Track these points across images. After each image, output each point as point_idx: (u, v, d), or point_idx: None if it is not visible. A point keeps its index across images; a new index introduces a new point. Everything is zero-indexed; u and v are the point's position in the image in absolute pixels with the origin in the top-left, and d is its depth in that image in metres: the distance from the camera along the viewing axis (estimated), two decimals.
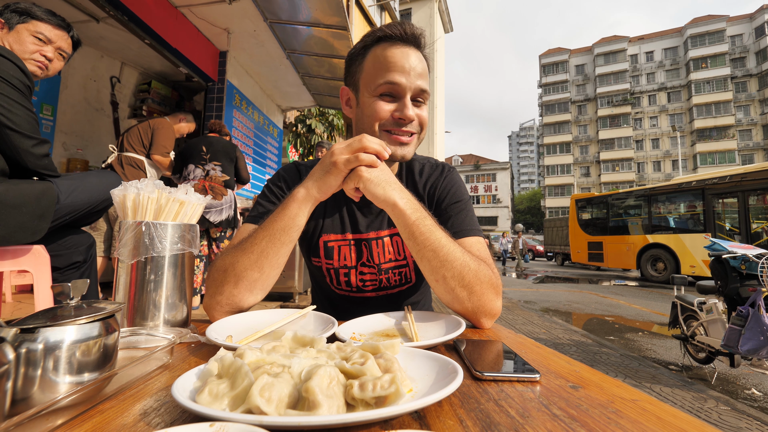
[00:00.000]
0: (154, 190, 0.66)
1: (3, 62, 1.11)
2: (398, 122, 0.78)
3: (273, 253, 0.69)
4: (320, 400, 0.31)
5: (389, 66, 0.76)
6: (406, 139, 0.80)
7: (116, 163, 2.79)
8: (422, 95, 0.79)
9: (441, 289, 0.69)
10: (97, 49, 4.11)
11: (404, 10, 19.90)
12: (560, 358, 0.52)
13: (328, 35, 3.93)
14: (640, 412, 0.35)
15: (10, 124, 1.10)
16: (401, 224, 0.69)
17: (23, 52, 1.31)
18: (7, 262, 1.15)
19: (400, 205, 0.68)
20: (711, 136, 37.76)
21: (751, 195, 8.34)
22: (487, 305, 0.69)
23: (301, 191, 0.70)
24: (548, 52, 49.69)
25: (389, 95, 0.78)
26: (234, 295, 0.70)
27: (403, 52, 0.77)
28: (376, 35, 0.79)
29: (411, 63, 0.76)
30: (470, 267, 0.68)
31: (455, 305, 0.70)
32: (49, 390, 0.36)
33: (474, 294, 0.68)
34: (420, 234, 0.68)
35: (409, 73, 0.76)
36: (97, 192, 1.35)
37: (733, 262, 2.65)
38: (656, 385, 2.56)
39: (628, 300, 6.67)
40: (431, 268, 0.68)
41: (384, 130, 0.79)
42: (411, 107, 0.77)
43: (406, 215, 0.68)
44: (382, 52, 0.77)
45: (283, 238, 0.69)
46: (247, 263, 0.69)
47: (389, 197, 0.68)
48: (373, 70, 0.79)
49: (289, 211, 0.69)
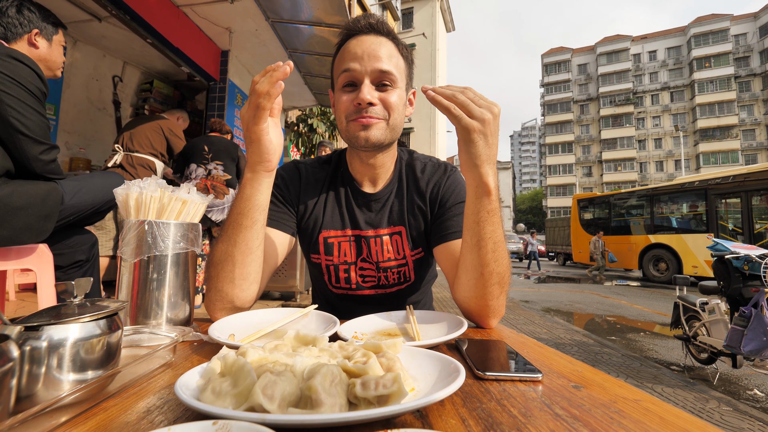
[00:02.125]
0: (156, 189, 0.66)
1: (21, 68, 1.12)
2: (357, 109, 0.76)
3: (240, 239, 0.69)
4: (323, 398, 0.31)
5: (345, 57, 0.78)
6: (366, 120, 0.76)
7: (126, 163, 2.77)
8: (385, 77, 0.76)
9: (478, 282, 0.68)
10: (99, 49, 4.12)
11: (406, 9, 19.86)
12: (562, 358, 0.52)
13: (330, 35, 3.92)
14: (643, 412, 0.35)
15: (22, 129, 1.11)
16: (479, 204, 0.66)
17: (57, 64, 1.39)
18: (11, 260, 1.15)
19: (489, 186, 0.65)
20: (714, 136, 37.58)
21: (754, 195, 8.30)
22: (503, 304, 0.72)
23: (247, 172, 0.70)
24: (550, 51, 49.53)
25: (350, 85, 0.78)
26: (220, 289, 0.70)
27: (358, 40, 0.77)
28: (343, 34, 0.81)
29: (365, 48, 0.76)
30: (510, 268, 0.71)
31: (479, 301, 0.69)
32: (53, 387, 0.36)
33: (502, 294, 0.70)
34: (491, 224, 0.66)
35: (363, 58, 0.75)
36: (101, 193, 1.36)
37: (736, 263, 2.64)
38: (658, 386, 2.56)
39: (630, 300, 6.66)
40: (483, 261, 0.67)
41: (350, 120, 0.78)
42: (368, 91, 0.75)
43: (490, 197, 0.66)
44: (343, 48, 0.79)
45: (244, 221, 0.69)
46: (221, 255, 0.70)
47: (483, 173, 0.63)
48: (336, 66, 0.81)
49: (244, 193, 0.69)
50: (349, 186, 0.91)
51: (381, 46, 0.77)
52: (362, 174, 0.89)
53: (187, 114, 3.34)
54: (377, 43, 0.77)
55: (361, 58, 0.75)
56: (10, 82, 1.08)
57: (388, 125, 0.79)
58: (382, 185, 0.90)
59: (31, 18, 1.30)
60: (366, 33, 0.78)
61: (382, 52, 0.76)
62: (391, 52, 0.78)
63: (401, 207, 0.89)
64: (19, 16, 1.27)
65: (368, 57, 0.75)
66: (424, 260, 0.91)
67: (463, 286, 0.72)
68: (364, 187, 0.90)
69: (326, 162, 0.95)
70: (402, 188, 0.91)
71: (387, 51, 0.77)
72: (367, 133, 0.77)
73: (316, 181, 0.91)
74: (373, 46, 0.76)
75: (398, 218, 0.89)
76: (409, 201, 0.90)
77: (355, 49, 0.76)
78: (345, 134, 0.82)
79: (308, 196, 0.90)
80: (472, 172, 0.64)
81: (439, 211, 0.87)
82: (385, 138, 0.79)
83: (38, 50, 1.32)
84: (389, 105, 0.78)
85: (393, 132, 0.81)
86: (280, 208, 0.87)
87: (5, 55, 1.10)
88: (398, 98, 0.79)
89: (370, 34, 0.77)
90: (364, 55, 0.75)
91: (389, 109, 0.78)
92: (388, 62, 0.76)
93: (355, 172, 0.90)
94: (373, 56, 0.75)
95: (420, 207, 0.89)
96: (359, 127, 0.77)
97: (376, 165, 0.87)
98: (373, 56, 0.75)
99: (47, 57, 1.35)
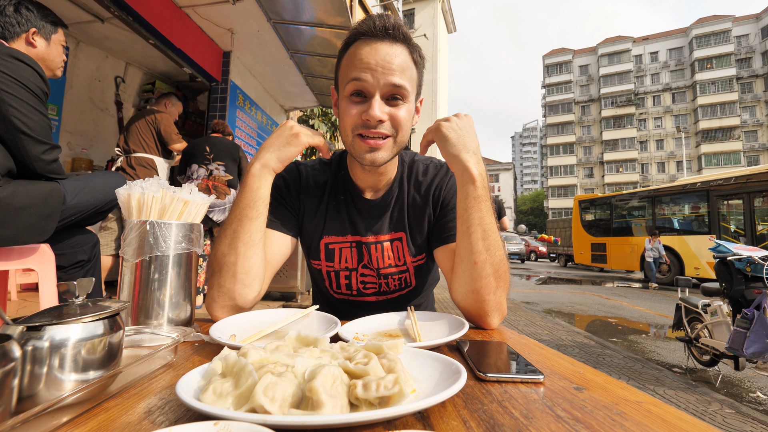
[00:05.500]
0: (158, 189, 0.66)
1: (23, 68, 1.12)
2: (366, 124, 0.73)
3: (244, 232, 0.70)
4: (324, 399, 0.31)
5: (356, 63, 0.72)
6: (374, 143, 0.74)
7: (125, 164, 2.78)
8: (397, 91, 0.72)
9: (473, 273, 0.68)
10: (101, 50, 4.13)
11: (407, 10, 19.89)
12: (564, 360, 0.52)
13: (332, 35, 3.93)
14: (645, 414, 0.35)
15: (24, 129, 1.11)
16: (465, 192, 0.69)
17: (57, 63, 1.38)
18: (13, 260, 1.15)
19: (472, 172, 0.69)
20: (716, 137, 37.48)
21: (756, 196, 8.28)
22: (503, 302, 0.71)
23: (256, 165, 0.72)
24: (552, 52, 49.52)
25: (358, 95, 0.73)
26: (222, 285, 0.70)
27: (372, 47, 0.71)
28: (353, 33, 0.75)
29: (379, 58, 0.70)
30: (506, 260, 0.71)
31: (476, 295, 0.69)
32: (55, 387, 0.36)
33: (500, 288, 0.69)
34: (478, 210, 0.68)
35: (376, 70, 0.70)
36: (102, 193, 1.36)
37: (738, 264, 2.63)
38: (660, 388, 2.55)
39: (632, 302, 6.64)
40: (474, 248, 0.68)
41: (357, 134, 0.75)
42: (379, 107, 0.71)
43: (475, 184, 0.69)
44: (353, 50, 0.74)
45: (250, 213, 0.71)
46: (224, 249, 0.71)
47: (463, 160, 0.70)
48: (344, 69, 0.76)
49: (250, 185, 0.72)
50: (350, 191, 0.90)
51: (395, 57, 0.71)
52: (363, 180, 0.88)
53: (175, 97, 3.23)
54: (392, 53, 0.71)
55: (374, 69, 0.70)
56: (11, 82, 1.09)
57: (395, 143, 0.77)
58: (383, 191, 0.90)
59: (29, 17, 1.29)
60: (381, 39, 0.72)
61: (396, 63, 0.71)
62: (406, 63, 0.73)
63: (402, 212, 0.88)
64: (17, 15, 1.26)
65: (381, 69, 0.70)
66: (425, 265, 0.91)
67: (459, 280, 0.71)
68: (365, 193, 0.89)
69: (327, 164, 0.95)
70: (403, 193, 0.90)
71: (401, 62, 0.72)
72: (374, 156, 0.75)
73: (317, 184, 0.91)
74: (388, 57, 0.71)
75: (399, 224, 0.88)
76: (410, 205, 0.89)
77: (368, 58, 0.71)
78: (350, 148, 0.79)
79: (309, 200, 0.90)
80: (454, 163, 0.71)
81: (440, 212, 0.87)
82: (391, 156, 0.78)
83: (36, 49, 1.31)
84: (398, 122, 0.75)
85: (399, 148, 0.79)
86: (281, 209, 0.86)
87: (6, 54, 1.10)
88: (407, 113, 0.76)
89: (385, 40, 0.72)
90: (377, 67, 0.70)
91: (397, 126, 0.75)
92: (401, 76, 0.72)
93: (356, 178, 0.89)
94: (387, 69, 0.71)
95: (423, 209, 0.88)
96: (366, 148, 0.75)
97: (378, 173, 0.86)
98: (386, 68, 0.71)
99: (45, 56, 1.34)
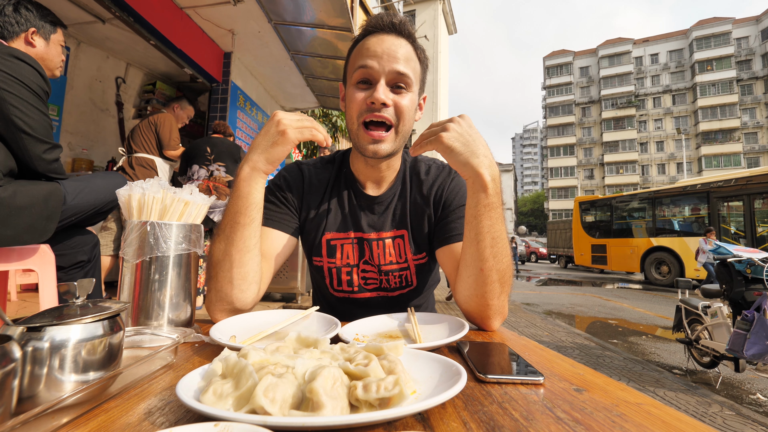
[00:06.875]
0: (159, 190, 0.66)
1: (24, 67, 1.13)
2: (370, 108, 0.76)
3: (238, 239, 0.70)
4: (324, 400, 0.31)
5: (363, 53, 0.77)
6: (377, 134, 0.77)
7: (126, 164, 2.81)
8: (401, 79, 0.76)
9: (478, 279, 0.68)
10: (102, 50, 4.14)
11: (408, 12, 19.92)
12: (564, 361, 0.52)
13: (332, 37, 3.94)
14: (645, 415, 0.35)
15: (25, 128, 1.11)
16: (476, 199, 0.68)
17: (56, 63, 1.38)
18: (13, 261, 1.15)
19: (485, 179, 0.67)
20: (716, 139, 37.47)
21: (756, 198, 8.28)
22: (506, 305, 0.72)
23: (245, 169, 0.71)
24: (552, 54, 49.57)
25: (365, 82, 0.77)
26: (219, 291, 0.71)
27: (379, 38, 0.77)
28: (362, 31, 0.80)
29: (385, 47, 0.75)
30: (511, 266, 0.71)
31: (480, 300, 0.69)
32: (55, 388, 0.36)
33: (503, 293, 0.70)
34: (488, 218, 0.68)
35: (381, 57, 0.75)
36: (103, 193, 1.36)
37: (739, 266, 2.63)
38: (660, 389, 2.54)
39: (632, 303, 6.63)
40: (481, 256, 0.68)
41: (361, 124, 0.78)
42: (383, 91, 0.75)
43: (487, 192, 0.67)
44: (362, 43, 0.79)
45: (242, 220, 0.70)
46: (219, 255, 0.71)
47: (474, 166, 0.67)
48: (352, 61, 0.81)
49: (241, 190, 0.71)
50: (352, 188, 0.90)
51: (400, 48, 0.76)
52: (366, 176, 0.89)
53: (186, 101, 3.30)
54: (397, 44, 0.76)
55: (380, 57, 0.75)
56: (12, 81, 1.09)
57: (397, 135, 0.80)
58: (385, 187, 0.90)
59: (28, 17, 1.29)
60: (387, 32, 0.77)
61: (401, 53, 0.76)
62: (410, 55, 0.78)
63: (404, 210, 0.89)
64: (16, 15, 1.27)
65: (387, 56, 0.75)
66: (426, 265, 0.91)
67: (463, 284, 0.72)
68: (367, 189, 0.90)
69: (329, 162, 0.95)
70: (405, 190, 0.90)
71: (405, 53, 0.77)
72: (377, 147, 0.78)
73: (320, 182, 0.91)
74: (393, 47, 0.76)
75: (401, 221, 0.89)
76: (412, 203, 0.90)
77: (375, 47, 0.76)
78: (354, 138, 0.82)
79: (312, 199, 0.90)
80: (464, 171, 0.69)
81: (442, 213, 0.87)
82: (393, 149, 0.80)
83: (35, 49, 1.32)
84: (401, 110, 0.77)
85: (402, 141, 0.82)
86: (281, 209, 0.86)
87: (7, 53, 1.10)
88: (410, 102, 0.79)
89: (391, 33, 0.77)
90: (383, 55, 0.75)
91: (400, 114, 0.78)
92: (405, 65, 0.76)
93: (359, 174, 0.90)
94: (392, 57, 0.75)
95: (423, 209, 0.89)
96: (370, 139, 0.77)
97: (381, 168, 0.87)
98: (392, 56, 0.75)
99: (44, 56, 1.34)
